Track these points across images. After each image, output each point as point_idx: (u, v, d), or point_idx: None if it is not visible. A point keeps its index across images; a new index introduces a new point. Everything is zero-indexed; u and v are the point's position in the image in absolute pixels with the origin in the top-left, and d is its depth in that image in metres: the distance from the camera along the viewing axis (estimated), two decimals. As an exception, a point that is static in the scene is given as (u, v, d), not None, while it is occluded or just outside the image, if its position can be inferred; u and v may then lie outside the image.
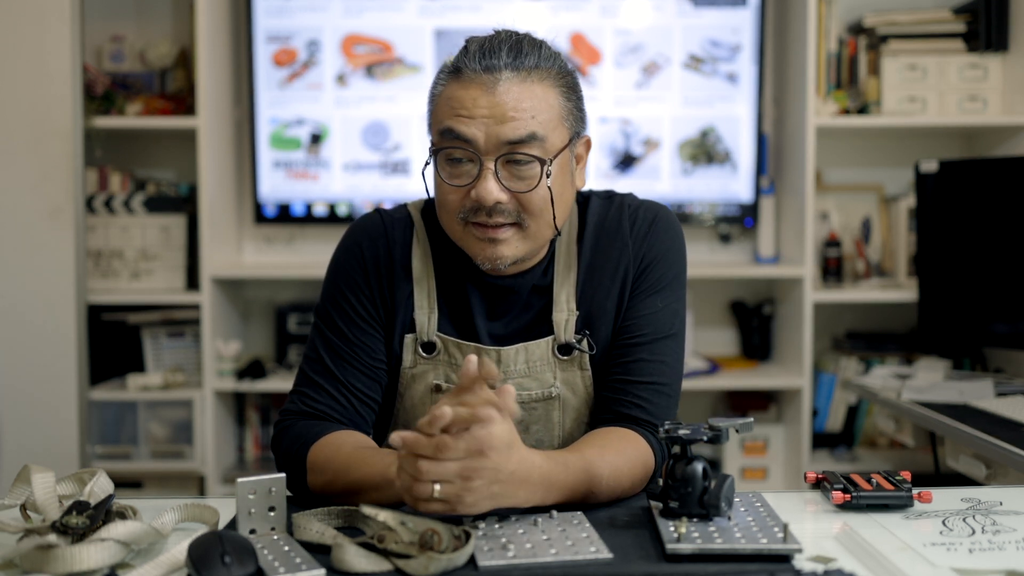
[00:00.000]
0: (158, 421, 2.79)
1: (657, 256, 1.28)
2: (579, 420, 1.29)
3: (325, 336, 1.28)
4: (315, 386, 1.27)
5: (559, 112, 1.20)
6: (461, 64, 1.19)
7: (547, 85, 1.19)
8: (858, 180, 3.06)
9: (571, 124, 1.22)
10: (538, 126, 1.17)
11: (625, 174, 2.93)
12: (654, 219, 1.30)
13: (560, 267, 1.29)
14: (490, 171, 1.17)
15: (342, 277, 1.29)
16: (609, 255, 1.28)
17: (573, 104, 1.23)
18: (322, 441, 1.19)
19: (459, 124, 1.17)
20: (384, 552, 0.95)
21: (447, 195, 1.21)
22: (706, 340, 3.10)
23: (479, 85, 1.17)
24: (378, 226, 1.31)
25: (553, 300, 1.28)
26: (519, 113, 1.16)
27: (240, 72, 3.00)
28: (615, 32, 2.90)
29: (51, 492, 1.04)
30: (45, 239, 2.58)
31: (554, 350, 1.27)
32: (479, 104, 1.16)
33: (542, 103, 1.18)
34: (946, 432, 1.99)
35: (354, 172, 2.94)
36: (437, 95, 1.22)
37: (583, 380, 1.28)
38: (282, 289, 3.07)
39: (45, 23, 2.55)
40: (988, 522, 1.06)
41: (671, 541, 0.95)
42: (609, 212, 1.31)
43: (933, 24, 2.84)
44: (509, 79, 1.17)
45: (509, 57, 1.17)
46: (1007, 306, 2.43)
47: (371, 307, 1.28)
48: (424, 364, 1.28)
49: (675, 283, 1.29)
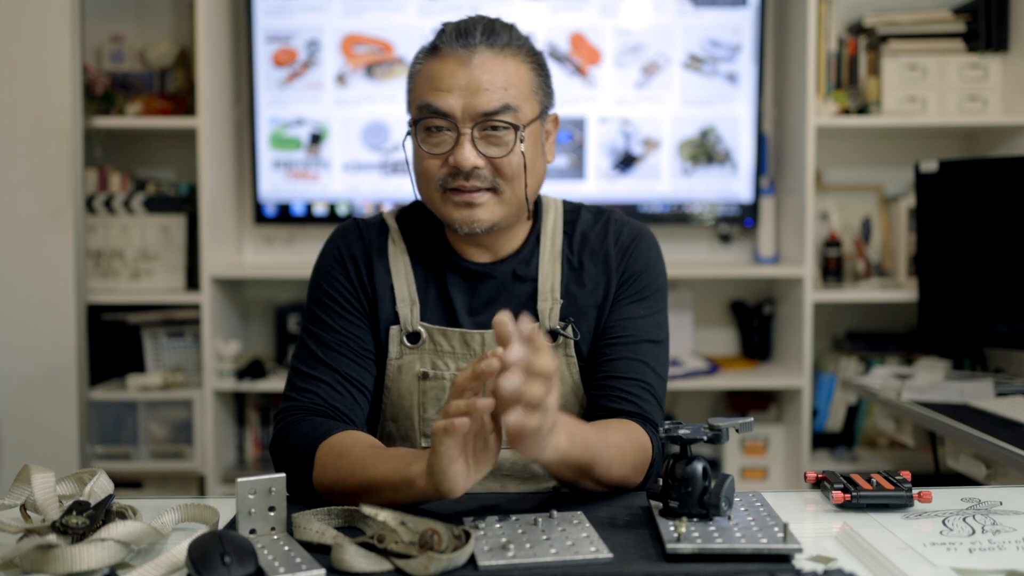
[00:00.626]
0: (158, 421, 2.79)
1: (641, 268, 1.35)
2: (565, 408, 1.31)
3: (313, 333, 1.33)
4: (310, 379, 1.29)
5: (530, 86, 1.28)
6: (439, 42, 1.27)
7: (519, 60, 1.28)
8: (858, 180, 3.06)
9: (540, 99, 1.30)
10: (511, 98, 1.25)
11: (625, 174, 2.93)
12: (638, 235, 1.37)
13: (545, 260, 1.34)
14: (467, 137, 1.24)
15: (324, 277, 1.35)
16: (595, 260, 1.34)
17: (542, 80, 1.31)
18: (332, 439, 1.19)
19: (437, 97, 1.25)
20: (384, 552, 0.95)
21: (427, 163, 1.28)
22: (706, 340, 3.10)
23: (456, 59, 1.25)
24: (354, 230, 1.38)
25: (538, 290, 1.32)
26: (493, 85, 1.24)
27: (240, 72, 3.00)
28: (615, 32, 2.90)
29: (51, 492, 1.03)
30: (45, 239, 2.58)
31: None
32: (456, 76, 1.24)
33: (514, 76, 1.26)
34: (946, 432, 1.99)
35: (354, 172, 2.94)
36: (416, 73, 1.31)
37: (569, 366, 1.31)
38: (282, 289, 3.07)
39: (45, 23, 2.55)
40: (988, 522, 1.06)
41: (671, 541, 0.95)
42: (598, 223, 1.38)
43: (933, 24, 2.84)
44: (484, 54, 1.25)
45: (483, 35, 1.26)
46: (1007, 306, 2.43)
47: (354, 300, 1.33)
48: (410, 354, 1.32)
49: (658, 295, 1.35)
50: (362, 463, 1.12)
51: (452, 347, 1.31)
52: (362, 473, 1.11)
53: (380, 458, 1.11)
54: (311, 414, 1.25)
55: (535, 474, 1.32)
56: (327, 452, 1.17)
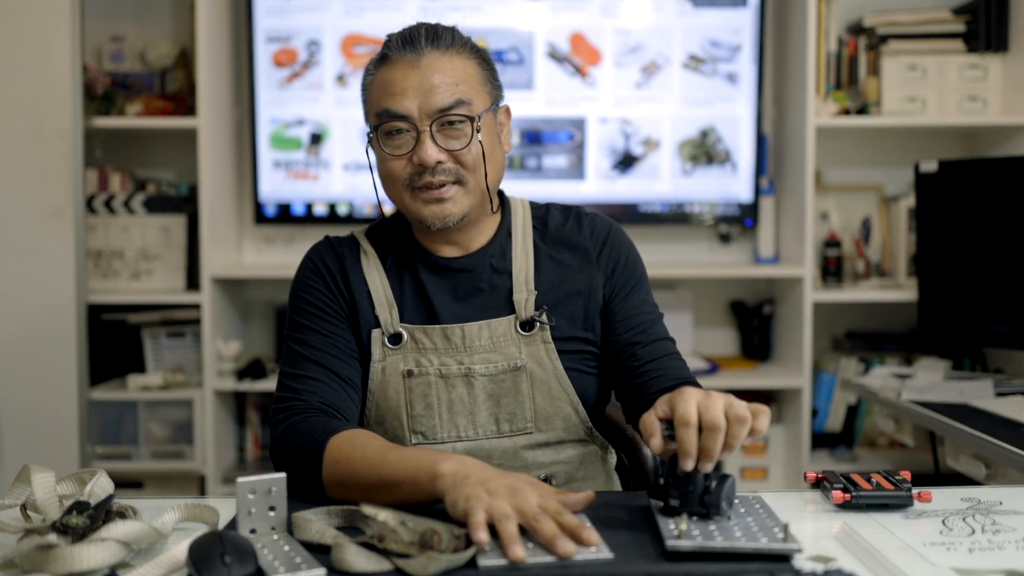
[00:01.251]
0: (158, 421, 2.80)
1: (622, 257, 1.42)
2: (550, 395, 1.34)
3: (299, 338, 1.35)
4: (302, 378, 1.30)
5: (478, 80, 1.33)
6: (387, 51, 1.32)
7: (464, 57, 1.33)
8: (858, 180, 3.06)
9: (490, 91, 1.35)
10: (462, 92, 1.30)
11: (625, 174, 2.93)
12: (609, 226, 1.44)
13: (518, 252, 1.39)
14: (427, 135, 1.28)
15: (303, 288, 1.39)
16: (573, 252, 1.40)
17: (489, 74, 1.36)
18: (343, 435, 1.19)
19: (394, 101, 1.29)
20: (384, 552, 0.95)
21: (391, 164, 1.32)
22: (706, 340, 3.10)
23: (406, 64, 1.30)
24: (326, 246, 1.42)
25: (513, 282, 1.37)
26: (444, 82, 1.29)
27: (240, 72, 3.00)
28: (615, 32, 2.90)
29: (51, 492, 1.04)
30: (45, 239, 2.58)
31: (516, 327, 1.35)
32: (408, 79, 1.29)
33: (463, 72, 1.31)
34: (946, 432, 1.99)
35: (354, 172, 2.94)
36: (369, 84, 1.35)
37: (547, 353, 1.35)
38: (282, 289, 3.07)
39: (45, 23, 2.55)
40: (988, 522, 1.06)
41: (671, 538, 0.95)
42: (568, 219, 1.44)
43: (933, 24, 2.84)
44: (431, 55, 1.30)
45: (428, 39, 1.31)
46: (1007, 306, 2.43)
47: (335, 305, 1.36)
48: (393, 355, 1.35)
49: (644, 277, 1.45)
50: (382, 458, 1.12)
51: (434, 343, 1.34)
52: (381, 468, 1.11)
53: (402, 454, 1.12)
54: (312, 412, 1.26)
55: (526, 464, 1.34)
56: (339, 447, 1.17)
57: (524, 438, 1.34)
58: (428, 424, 1.33)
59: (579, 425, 1.37)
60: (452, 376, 1.33)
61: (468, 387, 1.33)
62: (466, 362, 1.33)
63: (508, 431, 1.34)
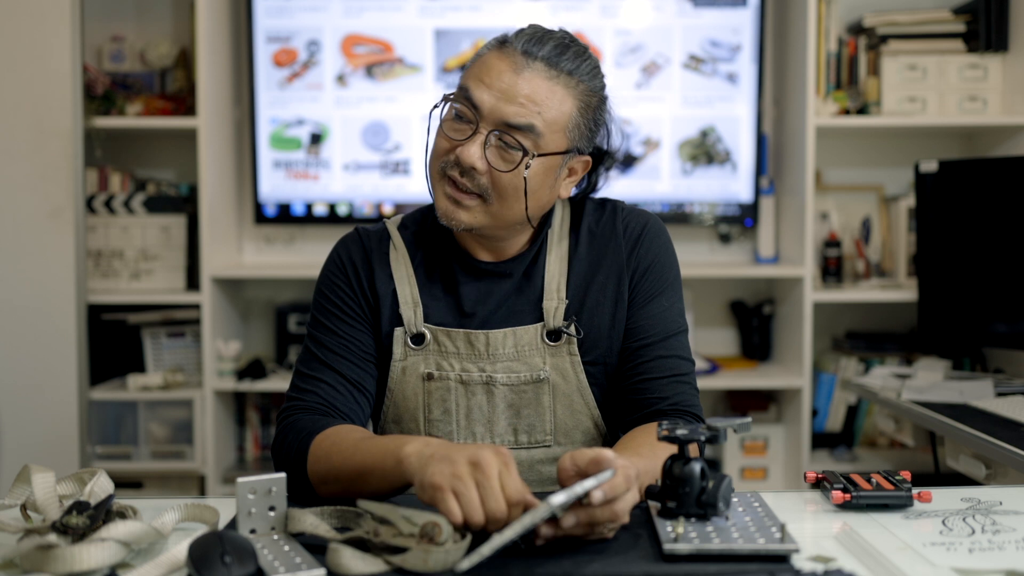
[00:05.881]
0: (158, 421, 2.80)
1: (653, 260, 1.35)
2: (571, 408, 1.31)
3: (315, 337, 1.33)
4: (310, 379, 1.30)
5: (567, 121, 1.25)
6: (509, 38, 1.26)
7: (569, 93, 1.25)
8: (858, 180, 3.06)
9: (574, 138, 1.27)
10: (540, 122, 1.22)
11: (625, 174, 2.93)
12: (645, 224, 1.36)
13: (552, 259, 1.34)
14: (481, 137, 1.23)
15: (326, 284, 1.36)
16: (604, 255, 1.34)
17: (585, 121, 1.27)
18: (326, 432, 1.20)
19: (477, 88, 1.23)
20: (380, 549, 0.94)
21: (440, 140, 1.27)
22: (706, 340, 3.10)
23: (512, 61, 1.23)
24: (355, 238, 1.38)
25: (544, 289, 1.32)
26: (529, 102, 1.21)
27: (240, 72, 3.00)
28: (615, 32, 2.90)
29: (51, 492, 1.04)
30: (45, 239, 2.58)
31: (543, 336, 1.31)
32: (502, 78, 1.22)
33: (555, 104, 1.23)
34: (946, 432, 1.99)
35: (354, 172, 2.94)
36: (479, 55, 1.28)
37: (572, 365, 1.31)
38: (282, 289, 3.07)
39: (45, 23, 2.55)
40: (988, 522, 1.06)
41: (668, 541, 0.95)
42: (603, 216, 1.37)
43: (933, 24, 2.84)
44: (538, 68, 1.23)
45: (551, 52, 1.24)
46: (1007, 306, 2.43)
47: (355, 305, 1.33)
48: (414, 356, 1.32)
49: (675, 283, 1.36)
50: (355, 448, 1.12)
51: (456, 347, 1.31)
52: (353, 458, 1.12)
53: (374, 442, 1.12)
54: (310, 412, 1.26)
55: (541, 479, 1.32)
56: (320, 443, 1.18)
57: (542, 451, 1.31)
58: (445, 430, 1.31)
59: (599, 439, 1.34)
60: (473, 383, 1.30)
61: (488, 395, 1.30)
62: (488, 370, 1.30)
63: (526, 443, 1.31)
